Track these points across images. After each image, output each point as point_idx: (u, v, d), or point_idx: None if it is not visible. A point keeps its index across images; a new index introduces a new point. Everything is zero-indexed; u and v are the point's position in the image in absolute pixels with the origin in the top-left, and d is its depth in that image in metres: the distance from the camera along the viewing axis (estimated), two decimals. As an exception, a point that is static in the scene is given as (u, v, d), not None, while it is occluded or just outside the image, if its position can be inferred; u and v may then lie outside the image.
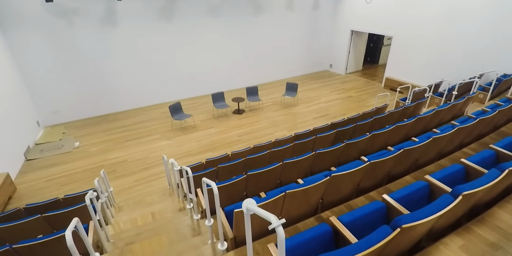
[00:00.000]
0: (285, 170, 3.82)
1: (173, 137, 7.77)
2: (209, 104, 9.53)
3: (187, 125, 8.38)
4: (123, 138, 7.79)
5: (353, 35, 11.63)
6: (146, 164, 6.67)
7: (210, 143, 7.47)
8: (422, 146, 3.30)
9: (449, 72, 8.98)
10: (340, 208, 2.99)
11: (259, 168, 4.60)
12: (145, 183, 6.06)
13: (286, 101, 9.81)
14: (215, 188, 2.28)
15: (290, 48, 11.67)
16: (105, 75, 8.69)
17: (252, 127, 8.18)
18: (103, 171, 4.99)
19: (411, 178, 3.48)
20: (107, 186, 4.99)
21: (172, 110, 7.89)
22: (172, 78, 9.68)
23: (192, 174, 3.16)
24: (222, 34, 9.94)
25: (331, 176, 2.70)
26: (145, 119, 8.82)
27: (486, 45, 7.98)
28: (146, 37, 8.77)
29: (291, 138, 6.02)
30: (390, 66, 10.76)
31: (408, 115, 6.78)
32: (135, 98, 9.39)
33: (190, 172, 3.15)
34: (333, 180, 2.76)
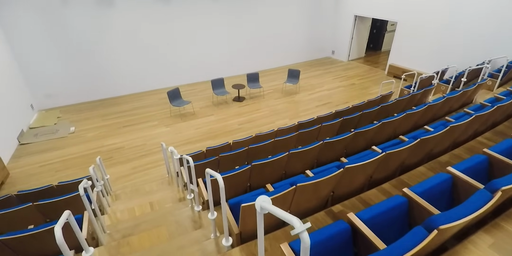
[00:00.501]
0: (291, 161, 3.62)
1: (171, 124, 7.54)
2: (208, 91, 9.24)
3: (186, 112, 8.12)
4: (120, 124, 7.55)
5: (356, 21, 11.23)
6: (144, 151, 6.47)
7: (210, 131, 7.24)
8: (439, 135, 3.10)
9: (455, 59, 8.70)
10: (352, 202, 2.82)
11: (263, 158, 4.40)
12: (143, 170, 5.88)
13: (288, 88, 9.54)
14: (221, 180, 2.08)
15: (291, 34, 11.27)
16: (102, 58, 8.34)
17: (253, 115, 7.94)
18: (99, 158, 4.77)
19: (426, 169, 3.30)
20: (103, 174, 4.80)
21: (170, 96, 7.61)
22: (171, 63, 9.33)
23: (193, 163, 2.96)
24: (223, 19, 9.54)
25: (345, 168, 2.50)
26: (143, 104, 8.54)
27: (494, 31, 7.69)
28: (145, 20, 8.37)
29: (294, 127, 5.81)
30: (394, 53, 10.44)
31: (414, 103, 6.57)
32: (133, 83, 9.07)
33: (192, 161, 2.95)
34: (346, 173, 2.57)
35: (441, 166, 3.40)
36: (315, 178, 2.37)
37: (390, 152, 2.74)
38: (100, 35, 8.04)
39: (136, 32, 8.42)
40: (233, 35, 9.99)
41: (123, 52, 8.51)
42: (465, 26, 8.25)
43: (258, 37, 10.52)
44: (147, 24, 8.46)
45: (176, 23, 8.83)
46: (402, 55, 10.17)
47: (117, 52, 8.45)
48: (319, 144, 3.65)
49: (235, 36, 10.03)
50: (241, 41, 10.24)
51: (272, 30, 10.69)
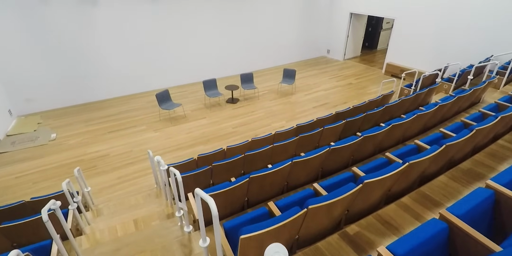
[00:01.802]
0: (294, 170, 3.20)
1: (161, 129, 7.05)
2: (200, 93, 8.77)
3: (176, 115, 7.64)
4: (105, 130, 7.02)
5: (352, 19, 10.90)
6: (130, 159, 5.97)
7: (202, 135, 6.78)
8: (464, 140, 2.71)
9: (455, 57, 8.43)
10: (369, 221, 2.40)
11: (261, 166, 3.99)
12: (129, 180, 5.38)
13: (283, 89, 9.13)
14: (214, 206, 1.63)
15: (285, 33, 10.88)
16: (86, 59, 7.80)
17: (247, 117, 7.50)
18: (77, 169, 4.27)
19: (447, 178, 2.91)
20: (82, 187, 4.29)
21: (159, 98, 7.12)
22: (159, 64, 8.83)
23: (181, 179, 2.50)
24: (215, 18, 9.09)
25: (364, 183, 2.08)
26: (130, 108, 8.02)
27: (496, 26, 7.41)
28: (131, 19, 7.86)
29: (292, 130, 5.39)
30: (391, 51, 10.14)
31: (419, 102, 6.22)
32: (118, 86, 8.54)
33: (179, 175, 2.49)
34: (364, 188, 2.15)
35: (464, 174, 3.01)
36: (329, 198, 1.94)
37: (413, 162, 2.33)
38: (84, 35, 7.51)
39: (122, 32, 7.91)
40: (226, 35, 9.54)
41: (108, 53, 7.98)
42: (465, 22, 7.96)
43: (251, 36, 10.09)
44: (134, 24, 7.96)
45: (165, 22, 8.34)
46: (400, 53, 9.87)
47: (102, 53, 7.92)
48: (325, 151, 3.23)
49: (227, 35, 9.59)
50: (234, 40, 9.80)
51: (266, 29, 10.28)
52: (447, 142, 2.57)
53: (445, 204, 2.65)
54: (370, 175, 2.18)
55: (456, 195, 2.75)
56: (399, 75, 9.96)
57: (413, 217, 2.51)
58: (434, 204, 2.65)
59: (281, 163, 3.03)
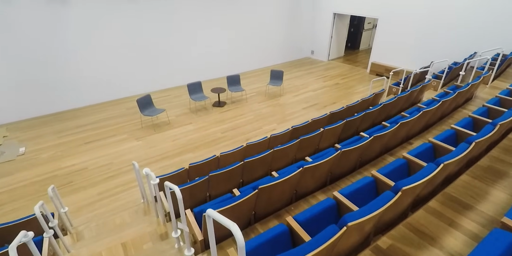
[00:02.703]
0: (303, 177, 2.87)
1: (143, 137, 6.53)
2: (184, 97, 8.32)
3: (160, 121, 7.14)
4: (81, 140, 6.41)
5: (335, 19, 10.84)
6: (111, 172, 5.42)
7: (190, 142, 6.33)
8: (489, 138, 2.49)
9: (439, 54, 8.50)
10: (401, 232, 2.11)
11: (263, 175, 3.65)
12: (111, 196, 4.85)
13: (271, 90, 8.84)
14: (238, 234, 1.26)
15: (270, 34, 10.64)
16: (57, 64, 7.14)
17: (236, 121, 7.13)
18: (52, 188, 3.72)
19: (470, 178, 2.69)
20: (58, 207, 3.75)
21: (141, 104, 6.61)
22: (139, 67, 8.28)
23: (181, 196, 2.10)
24: (198, 19, 8.68)
25: (402, 190, 1.78)
26: (108, 116, 7.43)
27: (478, 25, 7.52)
28: (106, 19, 7.30)
29: (288, 133, 5.08)
30: (375, 51, 10.14)
31: (411, 100, 6.12)
32: (94, 92, 7.92)
33: (179, 193, 2.09)
34: (401, 197, 1.84)
35: (485, 172, 2.80)
36: (367, 212, 1.62)
37: (448, 163, 2.06)
38: (53, 37, 6.88)
39: (97, 34, 7.34)
40: (209, 37, 9.15)
41: (81, 57, 7.37)
42: (448, 20, 8.04)
43: (236, 38, 9.77)
44: (110, 24, 7.41)
45: (145, 23, 7.84)
46: (384, 53, 9.88)
47: (75, 57, 7.30)
48: (336, 154, 2.92)
49: (212, 37, 9.20)
50: (218, 42, 9.42)
51: (251, 30, 10.00)
52: (475, 139, 2.34)
53: (475, 206, 2.41)
54: (404, 181, 1.89)
55: (484, 196, 2.52)
56: (384, 74, 9.97)
57: (446, 223, 2.25)
58: (464, 206, 2.41)
59: (289, 170, 2.69)
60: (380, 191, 2.51)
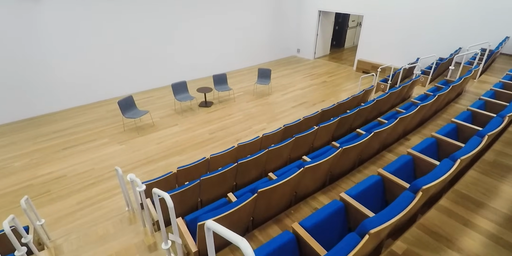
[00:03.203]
0: (303, 178, 2.66)
1: (126, 140, 6.17)
2: (169, 97, 7.99)
3: (144, 124, 6.79)
4: (58, 146, 5.98)
5: (320, 17, 10.77)
6: (92, 179, 5.06)
7: (176, 144, 6.03)
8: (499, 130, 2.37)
9: (424, 51, 8.56)
10: (416, 235, 1.94)
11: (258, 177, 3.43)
12: (93, 204, 4.50)
13: (259, 89, 8.63)
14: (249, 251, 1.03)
15: (256, 33, 10.44)
16: (30, 66, 6.65)
17: (225, 121, 6.87)
18: (25, 199, 3.36)
19: (477, 173, 2.56)
20: (33, 220, 3.39)
21: (122, 106, 6.25)
22: (120, 68, 7.87)
23: (172, 205, 1.84)
24: (180, 17, 8.35)
25: (422, 189, 1.60)
26: (88, 120, 7.00)
27: (462, 21, 7.60)
28: (84, 18, 6.87)
29: (280, 132, 4.88)
30: (361, 48, 10.13)
31: (402, 96, 6.05)
32: (71, 95, 7.46)
33: (170, 202, 1.83)
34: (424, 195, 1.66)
35: (492, 167, 2.69)
36: (390, 216, 1.42)
37: (464, 158, 1.91)
38: (26, 38, 6.40)
39: (73, 33, 6.90)
40: (194, 36, 8.84)
41: (57, 58, 6.91)
42: (432, 17, 8.09)
43: (221, 37, 9.50)
44: (88, 23, 6.99)
45: (125, 22, 7.45)
46: (370, 50, 9.87)
47: (50, 58, 6.83)
48: (337, 152, 2.74)
49: (195, 36, 8.89)
50: (202, 41, 9.12)
51: (235, 29, 9.75)
52: (487, 132, 2.20)
53: (488, 204, 2.27)
54: (422, 180, 1.71)
55: (495, 192, 2.39)
56: (370, 71, 9.97)
57: (461, 223, 2.09)
58: (477, 204, 2.26)
59: (289, 171, 2.48)
60: (388, 191, 2.34)
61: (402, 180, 2.22)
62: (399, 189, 2.20)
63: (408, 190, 1.68)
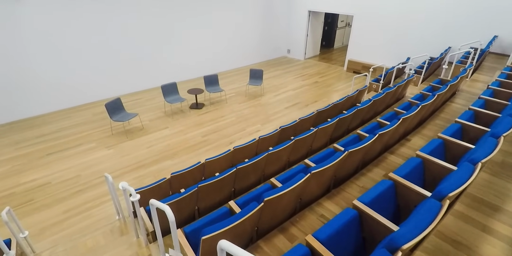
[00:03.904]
0: (309, 184, 2.52)
1: (114, 145, 5.89)
2: (158, 99, 7.74)
3: (132, 127, 6.52)
4: (42, 152, 5.66)
5: (310, 17, 10.71)
6: (79, 185, 4.78)
7: (167, 148, 5.80)
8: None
9: (414, 50, 8.60)
10: (433, 242, 1.82)
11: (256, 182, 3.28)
12: (80, 213, 4.23)
13: (251, 90, 8.48)
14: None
15: (246, 33, 10.29)
16: (10, 68, 6.28)
17: (217, 123, 6.68)
18: (6, 211, 3.09)
19: (489, 175, 2.47)
20: (15, 233, 3.12)
21: (110, 109, 5.97)
22: (106, 69, 7.56)
23: (173, 218, 1.66)
24: (169, 18, 8.09)
25: (448, 197, 1.47)
26: (73, 123, 6.68)
27: (451, 20, 7.68)
28: (67, 17, 6.54)
29: (276, 134, 4.74)
30: (352, 48, 10.12)
31: (397, 96, 6.02)
32: (55, 97, 7.10)
33: (171, 215, 1.65)
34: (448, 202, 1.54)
35: (501, 168, 2.62)
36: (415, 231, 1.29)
37: (485, 161, 1.80)
38: (6, 38, 6.04)
39: (57, 33, 6.56)
40: (183, 36, 8.59)
41: (39, 59, 6.56)
42: (422, 17, 8.14)
43: (211, 37, 9.29)
44: (73, 23, 6.66)
45: (112, 21, 7.16)
46: (361, 50, 9.88)
47: (34, 59, 6.48)
48: (343, 155, 2.61)
49: (185, 37, 8.64)
50: (192, 42, 8.89)
51: (225, 30, 9.57)
52: (502, 132, 2.12)
53: (503, 207, 2.19)
54: (446, 186, 1.59)
55: (508, 194, 2.31)
56: (361, 71, 9.98)
57: (479, 229, 2.00)
58: (492, 208, 2.18)
59: (293, 176, 2.34)
60: (400, 196, 2.22)
61: (416, 185, 2.11)
62: (413, 195, 2.09)
63: (431, 197, 1.56)
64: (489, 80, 6.08)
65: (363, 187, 3.01)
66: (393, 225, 1.81)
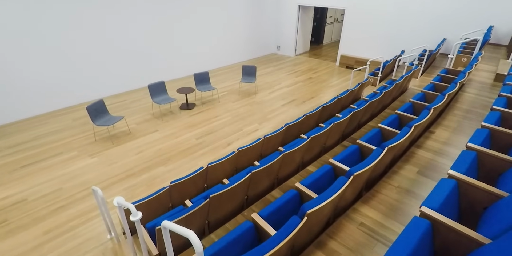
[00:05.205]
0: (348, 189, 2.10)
1: (99, 152, 5.28)
2: (144, 100, 7.15)
3: (118, 131, 5.92)
4: (15, 164, 4.97)
5: (300, 12, 10.38)
6: (61, 201, 4.17)
7: (159, 153, 5.25)
8: None
9: (408, 43, 8.42)
10: None
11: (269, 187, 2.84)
12: (64, 234, 3.64)
13: (244, 88, 8.03)
14: None
15: (235, 30, 9.81)
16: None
17: (211, 124, 6.18)
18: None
19: None
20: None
21: (92, 112, 5.35)
22: (86, 69, 6.87)
23: (201, 248, 1.19)
24: (154, 13, 7.50)
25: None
26: (50, 130, 5.99)
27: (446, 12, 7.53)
28: (43, 13, 5.86)
29: (282, 132, 4.31)
30: (344, 43, 9.87)
31: (402, 88, 5.74)
32: (30, 102, 6.37)
33: (197, 240, 1.18)
34: None
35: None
36: None
37: None
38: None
39: (30, 30, 5.86)
40: (169, 33, 8.01)
41: (9, 59, 5.83)
42: (416, 9, 7.95)
43: (199, 34, 8.74)
44: (48, 19, 5.98)
45: (91, 17, 6.50)
46: (353, 44, 9.63)
47: (2, 60, 5.77)
48: (384, 152, 2.20)
49: (173, 33, 8.06)
50: (180, 39, 8.31)
51: (214, 26, 9.06)
52: None
53: None
54: None
55: None
56: (354, 66, 9.74)
57: None
58: None
59: (337, 185, 1.91)
60: (464, 197, 1.83)
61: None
62: (480, 195, 1.72)
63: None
64: (493, 69, 5.91)
65: (398, 187, 2.62)
66: (482, 237, 1.41)
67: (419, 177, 2.78)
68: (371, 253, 2.00)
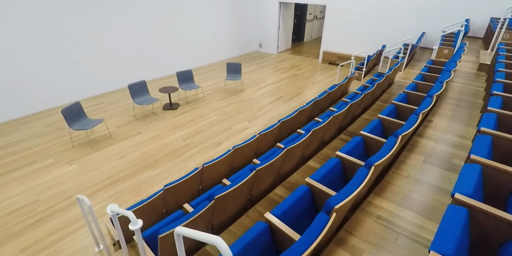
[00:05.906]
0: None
1: (78, 158, 4.88)
2: (124, 102, 6.76)
3: (98, 135, 5.53)
4: (-17, 175, 4.49)
5: (281, 9, 10.29)
6: (38, 214, 3.77)
7: (144, 156, 4.93)
8: None
9: (389, 37, 8.53)
10: None
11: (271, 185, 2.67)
12: (44, 250, 3.28)
13: (230, 86, 7.80)
14: None
15: (216, 27, 9.55)
16: None
17: (198, 124, 5.92)
18: None
19: None
20: None
21: (68, 116, 4.94)
22: (59, 70, 6.37)
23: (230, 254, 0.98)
24: (131, 10, 7.10)
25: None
26: (21, 137, 5.49)
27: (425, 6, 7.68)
28: (10, 11, 5.36)
29: (276, 128, 4.14)
30: (326, 39, 9.87)
31: (389, 81, 5.75)
32: (-6, 108, 5.83)
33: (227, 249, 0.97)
34: None
35: None
36: None
37: None
38: None
39: None
40: (148, 31, 7.62)
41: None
42: (396, 3, 8.06)
43: (179, 31, 8.40)
44: (15, 17, 5.47)
45: (63, 12, 6.03)
46: (335, 40, 9.65)
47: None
48: (398, 142, 2.08)
49: (150, 31, 7.67)
50: (159, 36, 7.94)
51: (194, 24, 8.75)
52: None
53: None
54: None
55: None
56: (336, 62, 9.78)
57: None
58: None
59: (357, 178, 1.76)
60: (488, 182, 1.74)
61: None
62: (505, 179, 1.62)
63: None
64: (475, 60, 6.06)
65: (408, 176, 2.52)
66: None
67: (426, 165, 2.70)
68: (394, 247, 1.87)
